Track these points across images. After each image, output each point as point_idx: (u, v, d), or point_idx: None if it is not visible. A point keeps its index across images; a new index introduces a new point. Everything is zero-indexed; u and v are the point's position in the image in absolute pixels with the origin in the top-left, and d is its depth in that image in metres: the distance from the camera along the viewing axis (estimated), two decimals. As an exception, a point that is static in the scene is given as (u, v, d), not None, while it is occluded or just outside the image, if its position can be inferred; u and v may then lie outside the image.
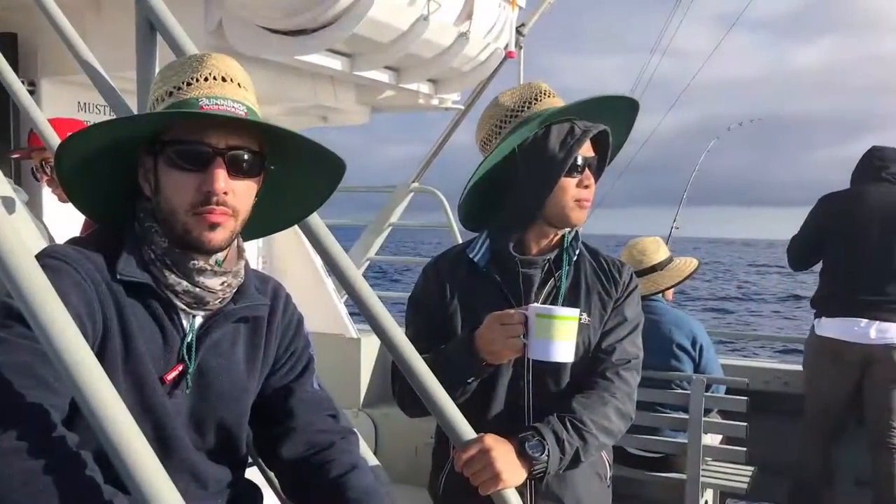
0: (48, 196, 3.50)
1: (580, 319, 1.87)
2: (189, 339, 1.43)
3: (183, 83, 1.39)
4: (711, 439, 3.92)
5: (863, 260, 3.99)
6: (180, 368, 1.42)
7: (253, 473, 1.72)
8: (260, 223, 1.61)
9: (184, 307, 1.43)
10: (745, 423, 3.65)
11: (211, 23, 3.39)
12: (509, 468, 1.63)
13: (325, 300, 4.98)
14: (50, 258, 1.34)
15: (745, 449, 3.66)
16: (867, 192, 4.10)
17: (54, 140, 2.32)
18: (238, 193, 1.40)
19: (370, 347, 4.87)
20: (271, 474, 1.70)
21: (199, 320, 1.45)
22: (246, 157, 1.40)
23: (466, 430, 1.64)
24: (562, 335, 1.69)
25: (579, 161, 1.88)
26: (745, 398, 3.67)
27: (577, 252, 1.98)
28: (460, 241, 4.96)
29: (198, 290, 1.41)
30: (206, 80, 1.38)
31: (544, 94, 1.96)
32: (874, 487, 3.95)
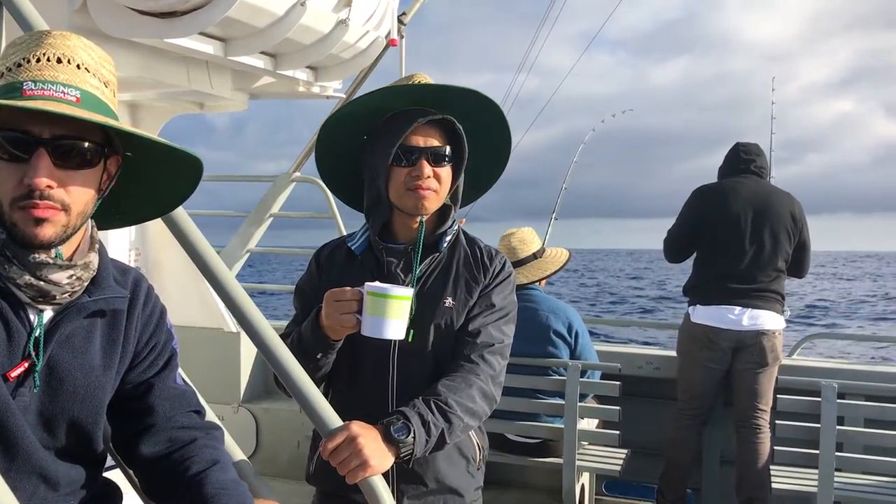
0: None
1: (446, 303, 1.95)
2: (36, 333, 1.35)
3: (15, 64, 1.29)
4: (588, 424, 4.04)
5: (736, 250, 4.17)
6: (26, 365, 1.34)
7: (116, 474, 1.65)
8: (120, 213, 1.54)
9: (29, 301, 1.34)
10: (618, 408, 3.78)
11: (75, 1, 3.21)
12: (377, 454, 1.63)
13: (203, 293, 4.83)
14: None
15: (618, 432, 3.79)
16: (739, 185, 4.29)
17: None
18: (69, 187, 1.31)
19: (250, 341, 4.76)
20: (131, 473, 1.63)
21: (48, 314, 1.37)
22: (81, 147, 1.31)
23: (332, 419, 1.62)
24: (393, 314, 1.73)
25: (407, 150, 1.90)
26: (618, 383, 3.80)
27: (451, 239, 2.01)
28: (344, 229, 4.94)
29: (42, 283, 1.33)
30: (38, 61, 1.29)
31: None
32: (739, 466, 4.15)
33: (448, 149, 1.94)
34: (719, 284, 4.16)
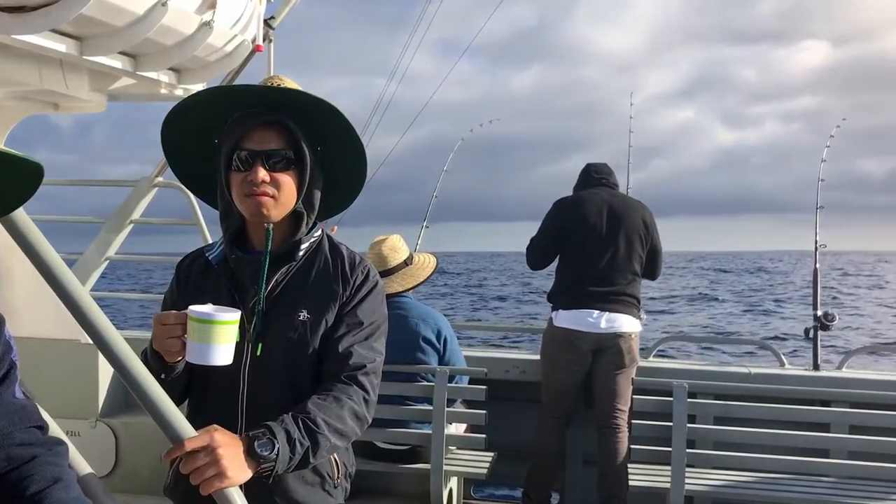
0: None
1: (300, 316, 1.88)
2: None
3: None
4: (456, 428, 4.10)
5: (593, 256, 4.37)
6: None
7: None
8: None
9: None
10: (485, 412, 3.85)
11: None
12: (235, 466, 1.58)
13: (57, 303, 4.58)
14: None
15: (484, 436, 3.86)
16: (594, 195, 4.53)
17: None
18: None
19: (110, 353, 4.55)
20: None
21: None
22: None
23: (186, 430, 1.58)
24: (218, 339, 1.66)
25: (243, 153, 1.84)
26: (484, 387, 3.87)
27: (308, 247, 1.95)
28: (209, 237, 4.80)
29: None
30: None
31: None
32: (600, 465, 4.31)
33: (290, 152, 1.85)
34: (579, 289, 4.33)
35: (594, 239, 4.37)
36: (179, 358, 1.77)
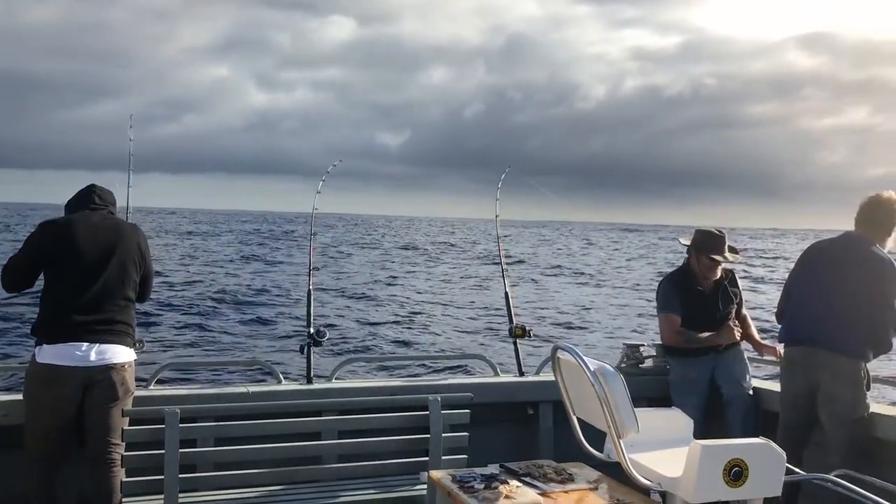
0: None
1: None
2: None
3: None
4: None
5: (83, 283, 4.12)
6: None
7: None
8: None
9: None
10: None
11: None
12: None
13: None
14: None
15: None
16: (86, 218, 4.30)
17: None
18: None
19: None
20: None
21: None
22: None
23: None
24: None
25: None
26: None
27: None
28: None
29: None
30: None
31: None
32: (95, 503, 4.09)
33: None
34: (66, 321, 4.06)
35: (84, 265, 4.14)
36: None
